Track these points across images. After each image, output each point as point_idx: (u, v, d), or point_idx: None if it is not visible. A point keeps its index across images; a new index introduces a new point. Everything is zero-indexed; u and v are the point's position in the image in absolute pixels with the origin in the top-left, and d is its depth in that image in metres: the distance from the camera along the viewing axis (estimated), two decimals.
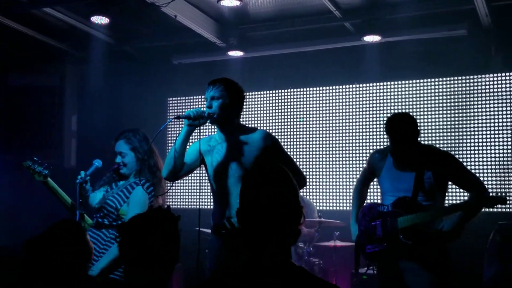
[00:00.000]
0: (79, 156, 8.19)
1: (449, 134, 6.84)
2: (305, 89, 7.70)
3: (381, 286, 3.97)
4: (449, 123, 6.87)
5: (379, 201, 4.10)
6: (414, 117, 3.95)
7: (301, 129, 7.66)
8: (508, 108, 6.59)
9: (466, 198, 4.01)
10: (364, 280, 6.04)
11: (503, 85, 6.65)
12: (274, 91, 7.87)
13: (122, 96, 8.20)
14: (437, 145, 6.77)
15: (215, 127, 3.88)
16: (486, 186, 6.33)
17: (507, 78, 6.64)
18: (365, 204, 4.20)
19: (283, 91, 7.81)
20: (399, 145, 3.83)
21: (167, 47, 7.88)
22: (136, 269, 2.32)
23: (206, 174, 3.90)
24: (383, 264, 3.93)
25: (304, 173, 4.67)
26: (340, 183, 7.33)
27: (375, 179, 4.19)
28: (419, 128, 3.90)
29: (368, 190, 4.41)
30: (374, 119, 7.25)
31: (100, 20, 6.41)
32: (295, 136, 7.65)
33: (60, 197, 4.48)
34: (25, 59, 8.08)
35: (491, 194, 3.92)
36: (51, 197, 5.10)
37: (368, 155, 7.12)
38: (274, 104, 7.87)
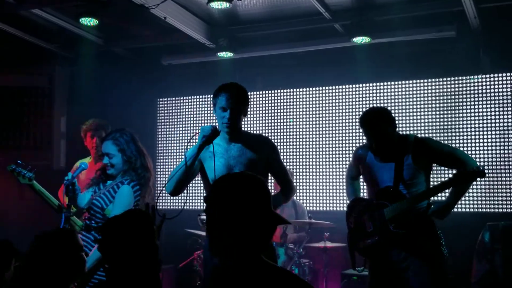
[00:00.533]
0: (68, 158, 8.14)
1: (438, 134, 6.87)
2: (295, 90, 7.71)
3: (375, 281, 3.97)
4: (438, 123, 6.90)
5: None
6: (390, 112, 4.00)
7: (291, 130, 7.67)
8: (497, 109, 6.64)
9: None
10: (354, 281, 6.07)
11: (492, 86, 6.70)
12: (263, 92, 7.88)
13: (112, 97, 8.17)
14: None
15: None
16: (475, 185, 6.45)
17: (496, 79, 6.68)
18: (348, 202, 4.25)
19: (272, 92, 7.82)
20: (373, 140, 3.90)
21: (157, 48, 7.86)
22: (116, 270, 2.32)
23: (202, 178, 3.90)
24: (377, 257, 3.93)
25: (294, 174, 4.75)
26: (330, 184, 7.34)
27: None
28: (394, 119, 3.95)
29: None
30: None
31: (89, 21, 6.38)
32: (284, 137, 7.66)
33: (46, 199, 4.51)
34: (13, 60, 8.02)
35: (480, 194, 3.96)
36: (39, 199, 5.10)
37: None
38: (263, 105, 7.87)
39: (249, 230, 1.97)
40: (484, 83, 6.73)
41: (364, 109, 7.16)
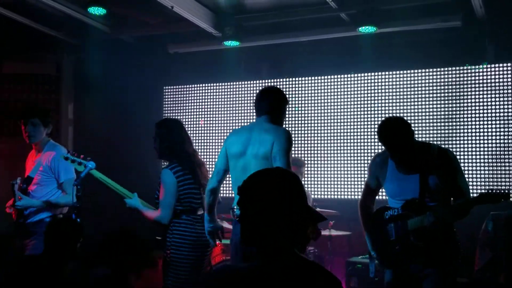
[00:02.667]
0: (76, 144, 8.23)
1: (442, 124, 6.92)
2: (300, 79, 7.75)
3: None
4: (442, 113, 6.94)
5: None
6: (407, 122, 3.81)
7: (297, 118, 7.72)
8: (501, 99, 6.67)
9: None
10: (358, 269, 6.14)
11: (497, 76, 6.72)
12: (269, 81, 7.92)
13: (118, 85, 8.23)
14: (431, 135, 6.87)
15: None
16: (477, 175, 6.53)
17: (501, 68, 6.71)
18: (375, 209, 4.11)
19: (278, 80, 7.86)
20: (395, 152, 3.77)
21: (163, 36, 7.90)
22: None
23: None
24: (396, 266, 3.90)
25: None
26: (336, 171, 7.40)
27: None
28: (412, 127, 3.79)
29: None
30: (369, 108, 7.32)
31: (97, 11, 6.42)
32: (290, 125, 7.71)
33: (110, 186, 4.50)
34: (21, 48, 8.08)
35: (481, 184, 3.93)
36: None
37: (362, 143, 7.27)
38: None
39: (288, 225, 2.00)
40: (489, 73, 6.75)
41: (369, 98, 7.29)
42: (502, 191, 3.63)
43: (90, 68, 8.04)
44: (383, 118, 4.00)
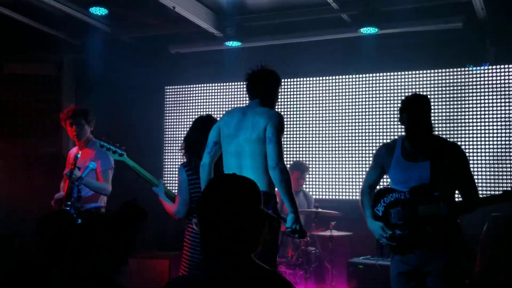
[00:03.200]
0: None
1: (444, 124, 6.93)
2: (301, 80, 7.76)
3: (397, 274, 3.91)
4: (444, 114, 6.95)
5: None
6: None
7: (297, 119, 7.73)
8: (503, 100, 6.68)
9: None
10: (360, 270, 6.15)
11: (498, 77, 6.74)
12: None
13: (120, 85, 8.23)
14: None
15: None
16: (480, 176, 6.54)
17: (502, 70, 6.72)
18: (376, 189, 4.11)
19: None
20: (417, 126, 3.79)
21: (165, 37, 7.91)
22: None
23: None
24: (401, 251, 3.86)
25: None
26: (337, 172, 7.41)
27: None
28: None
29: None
30: (370, 109, 7.33)
31: (98, 11, 6.43)
32: (291, 126, 7.71)
33: (142, 175, 4.71)
34: (21, 48, 8.07)
35: (483, 185, 3.96)
36: (48, 185, 5.21)
37: (364, 144, 7.28)
38: None
39: (240, 231, 2.01)
40: (490, 74, 6.77)
41: (370, 99, 7.29)
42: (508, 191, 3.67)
43: (91, 68, 8.03)
44: (384, 122, 4.05)
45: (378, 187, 4.13)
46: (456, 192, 3.88)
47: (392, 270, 3.94)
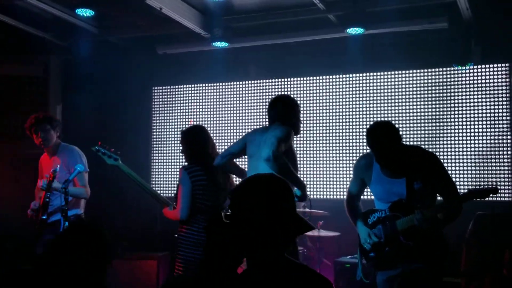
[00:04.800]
0: None
1: (429, 124, 6.98)
2: (288, 80, 7.79)
3: None
4: (429, 113, 7.01)
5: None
6: (395, 127, 3.87)
7: None
8: (487, 99, 6.75)
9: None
10: (347, 268, 6.18)
11: (483, 77, 6.80)
12: (257, 81, 7.95)
13: (107, 86, 8.24)
14: (418, 136, 6.92)
15: None
16: (465, 176, 6.60)
17: (487, 69, 6.79)
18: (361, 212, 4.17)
19: (266, 81, 7.89)
20: (381, 157, 3.83)
21: (152, 37, 7.89)
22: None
23: None
24: (386, 269, 3.94)
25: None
26: (325, 172, 7.44)
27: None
28: (399, 132, 3.85)
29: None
30: (358, 109, 7.37)
31: (85, 12, 6.42)
32: None
33: (137, 182, 4.80)
34: (8, 49, 8.03)
35: (470, 184, 4.01)
36: (32, 188, 5.19)
37: (350, 144, 7.32)
38: (257, 94, 7.95)
39: (277, 231, 2.05)
40: (475, 74, 6.83)
41: (357, 99, 7.34)
42: (490, 186, 3.80)
43: (78, 69, 8.00)
44: (371, 121, 4.08)
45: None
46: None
47: (378, 278, 4.02)
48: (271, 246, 2.05)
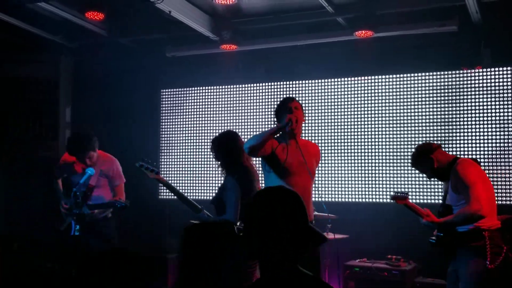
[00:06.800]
0: None
1: (438, 126, 6.97)
2: (297, 83, 7.78)
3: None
4: (438, 116, 6.99)
5: None
6: (427, 150, 4.73)
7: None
8: (497, 103, 6.72)
9: None
10: (356, 272, 6.18)
11: (492, 80, 6.77)
12: (266, 84, 7.94)
13: (116, 88, 8.27)
14: (428, 138, 6.90)
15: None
16: None
17: (496, 72, 6.76)
18: None
19: (275, 84, 7.89)
20: (430, 177, 4.88)
21: (161, 40, 7.93)
22: None
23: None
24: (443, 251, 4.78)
25: None
26: (334, 175, 7.43)
27: None
28: (432, 152, 4.69)
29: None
30: (367, 112, 7.35)
31: (94, 16, 6.46)
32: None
33: (175, 193, 4.99)
34: (19, 52, 8.10)
35: None
36: (45, 188, 5.25)
37: (359, 147, 7.31)
38: (266, 97, 7.95)
39: (290, 243, 2.09)
40: (484, 77, 6.80)
41: (366, 102, 7.32)
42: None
43: (87, 71, 8.06)
44: (380, 124, 4.33)
45: None
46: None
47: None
48: (283, 257, 2.08)
